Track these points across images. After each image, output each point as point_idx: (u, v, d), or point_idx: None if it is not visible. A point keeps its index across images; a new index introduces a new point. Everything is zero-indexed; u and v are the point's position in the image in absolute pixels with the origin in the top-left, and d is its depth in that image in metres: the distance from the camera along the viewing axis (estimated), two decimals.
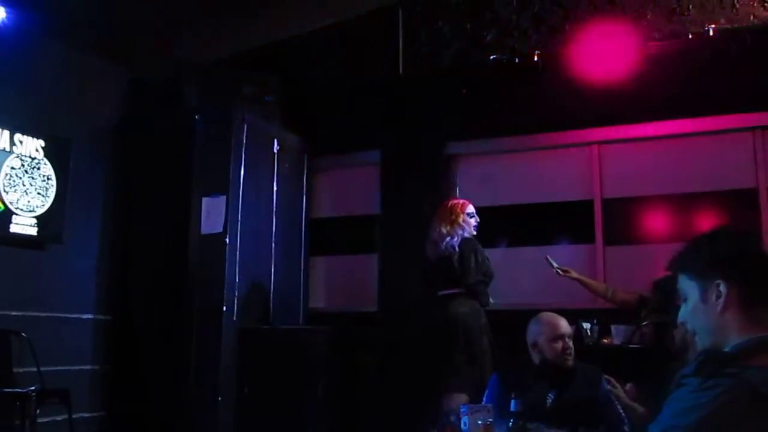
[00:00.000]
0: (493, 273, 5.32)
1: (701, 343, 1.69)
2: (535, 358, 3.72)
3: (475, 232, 5.38)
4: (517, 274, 6.09)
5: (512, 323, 4.18)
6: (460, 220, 5.32)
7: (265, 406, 5.73)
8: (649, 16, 5.87)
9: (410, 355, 5.83)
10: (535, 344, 3.72)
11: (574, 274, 5.54)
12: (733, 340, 1.59)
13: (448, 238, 5.24)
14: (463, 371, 4.93)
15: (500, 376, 3.82)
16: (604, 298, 5.49)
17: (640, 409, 3.51)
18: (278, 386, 5.79)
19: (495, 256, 5.83)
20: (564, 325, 3.72)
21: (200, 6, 6.30)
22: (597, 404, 3.57)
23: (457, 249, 5.21)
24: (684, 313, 1.74)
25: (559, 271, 5.53)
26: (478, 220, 5.44)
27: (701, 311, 1.67)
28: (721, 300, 1.63)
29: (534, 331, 3.75)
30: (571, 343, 3.68)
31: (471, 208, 5.44)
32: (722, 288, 1.63)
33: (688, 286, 1.72)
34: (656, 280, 5.05)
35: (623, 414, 3.56)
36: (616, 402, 3.61)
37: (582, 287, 5.57)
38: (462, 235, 5.27)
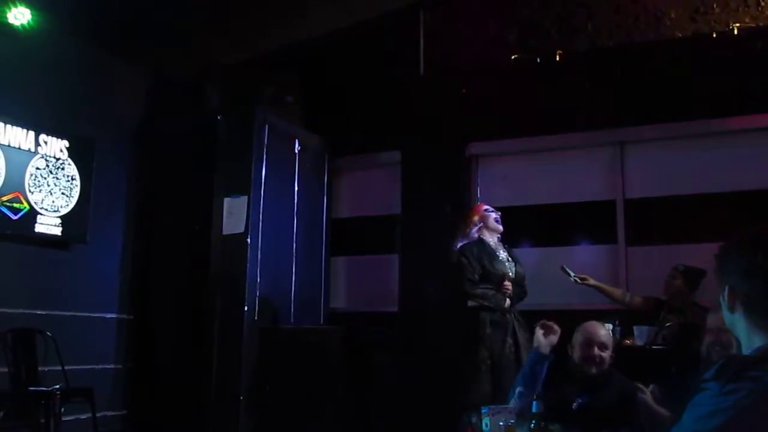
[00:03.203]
0: (496, 272, 5.15)
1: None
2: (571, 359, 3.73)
3: (499, 227, 5.34)
4: (539, 275, 6.04)
5: (532, 325, 4.16)
6: (470, 222, 5.33)
7: (286, 405, 5.76)
8: (672, 15, 5.82)
9: (431, 359, 5.84)
10: (572, 345, 3.73)
11: (592, 281, 5.50)
12: (753, 343, 1.59)
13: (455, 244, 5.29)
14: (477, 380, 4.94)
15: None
16: (622, 303, 5.47)
17: (666, 414, 3.46)
18: (299, 385, 5.80)
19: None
20: (601, 333, 3.69)
21: (223, 8, 6.33)
22: (622, 412, 3.52)
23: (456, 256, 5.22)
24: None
25: (576, 279, 5.50)
26: (497, 215, 5.38)
27: (721, 303, 1.71)
28: (728, 304, 1.66)
29: (575, 335, 3.75)
30: (601, 353, 3.62)
31: (485, 207, 5.43)
32: (727, 295, 1.66)
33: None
34: (682, 268, 5.11)
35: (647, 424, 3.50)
36: (644, 412, 3.55)
37: (600, 293, 5.54)
38: (463, 240, 5.27)
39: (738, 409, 1.43)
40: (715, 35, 5.62)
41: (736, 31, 5.54)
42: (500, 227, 5.37)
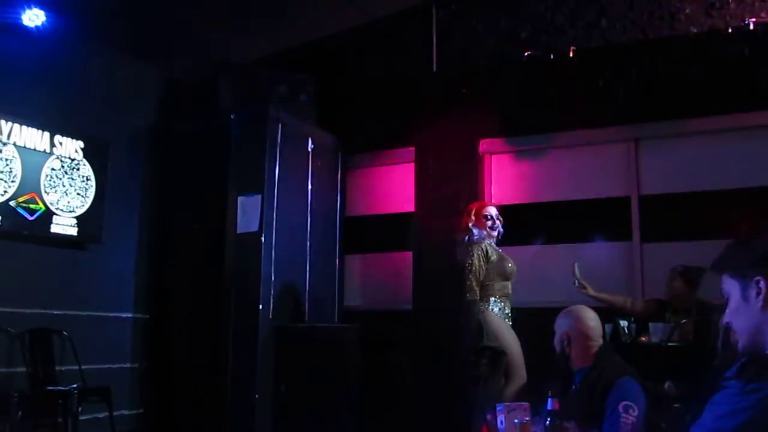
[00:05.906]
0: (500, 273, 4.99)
1: (742, 343, 1.67)
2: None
3: (493, 233, 5.09)
4: (553, 271, 6.02)
5: (546, 322, 4.12)
6: (470, 222, 5.09)
7: (302, 403, 5.76)
8: (687, 11, 5.78)
9: (446, 356, 5.83)
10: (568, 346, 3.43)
11: (591, 292, 5.29)
12: None
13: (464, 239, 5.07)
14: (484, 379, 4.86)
15: None
16: (624, 309, 5.37)
17: None
18: (314, 384, 5.81)
19: (530, 253, 5.77)
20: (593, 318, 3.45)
21: (235, 7, 6.34)
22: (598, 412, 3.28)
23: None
24: (728, 313, 1.72)
25: (576, 282, 5.34)
26: (498, 222, 5.13)
27: (743, 310, 1.65)
28: (761, 296, 1.60)
29: (571, 331, 3.44)
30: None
31: (489, 210, 5.17)
32: (762, 284, 1.60)
33: (730, 285, 1.70)
34: (680, 269, 5.04)
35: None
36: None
37: (600, 303, 5.40)
38: (472, 238, 5.04)
39: (760, 408, 1.42)
40: (730, 30, 5.57)
41: (752, 26, 5.49)
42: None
